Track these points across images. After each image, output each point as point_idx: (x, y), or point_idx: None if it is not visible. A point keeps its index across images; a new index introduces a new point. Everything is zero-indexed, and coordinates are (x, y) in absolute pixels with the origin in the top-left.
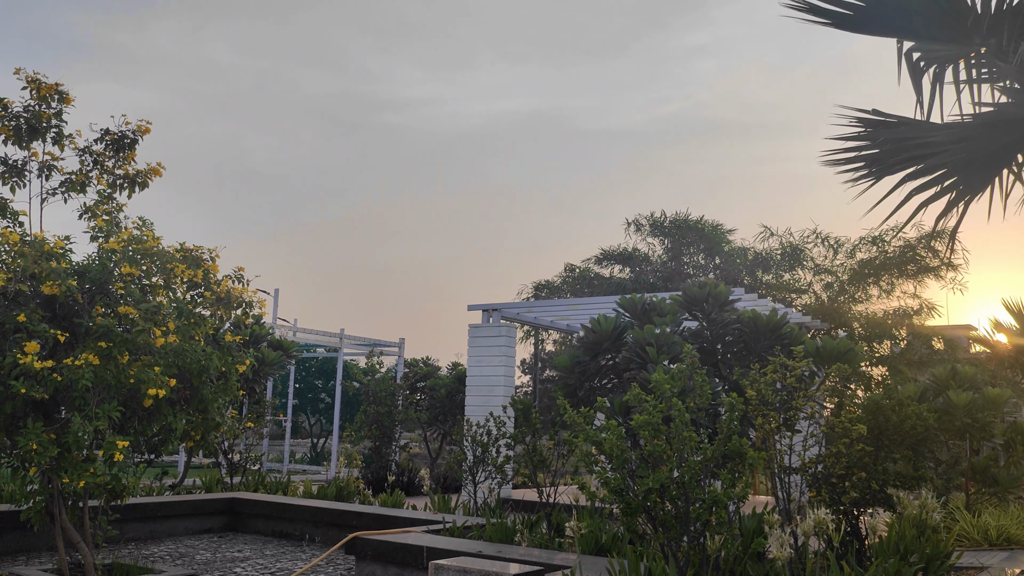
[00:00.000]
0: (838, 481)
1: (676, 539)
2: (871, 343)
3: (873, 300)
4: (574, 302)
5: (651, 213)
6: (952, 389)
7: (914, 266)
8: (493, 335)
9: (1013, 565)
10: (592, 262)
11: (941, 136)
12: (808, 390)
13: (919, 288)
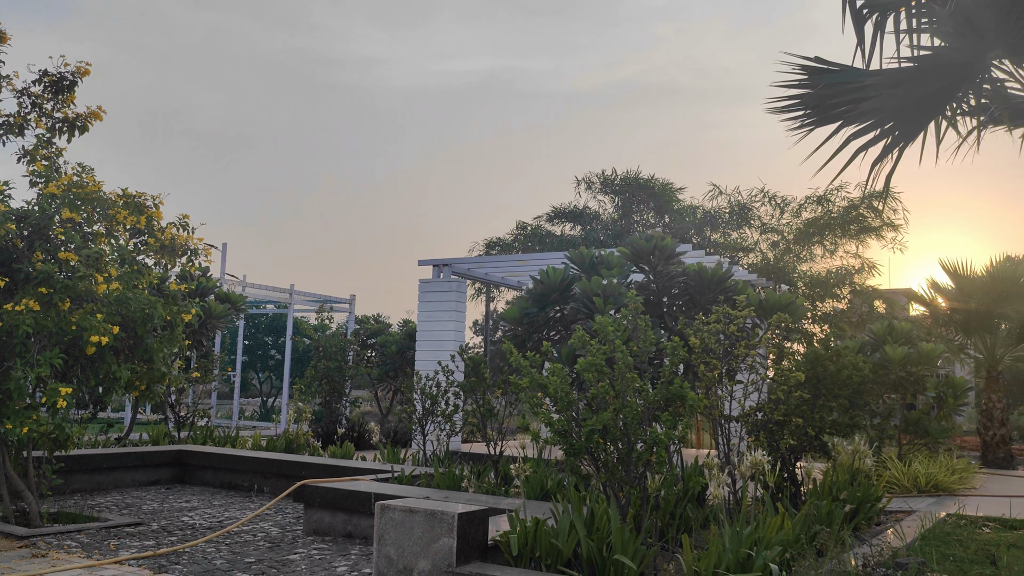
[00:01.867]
0: (776, 428)
1: (618, 480)
2: (814, 302)
3: (817, 259)
4: (525, 257)
5: (602, 171)
6: (889, 344)
7: (856, 226)
8: (443, 290)
9: (939, 509)
10: (544, 220)
11: (878, 81)
12: (750, 340)
13: (861, 248)
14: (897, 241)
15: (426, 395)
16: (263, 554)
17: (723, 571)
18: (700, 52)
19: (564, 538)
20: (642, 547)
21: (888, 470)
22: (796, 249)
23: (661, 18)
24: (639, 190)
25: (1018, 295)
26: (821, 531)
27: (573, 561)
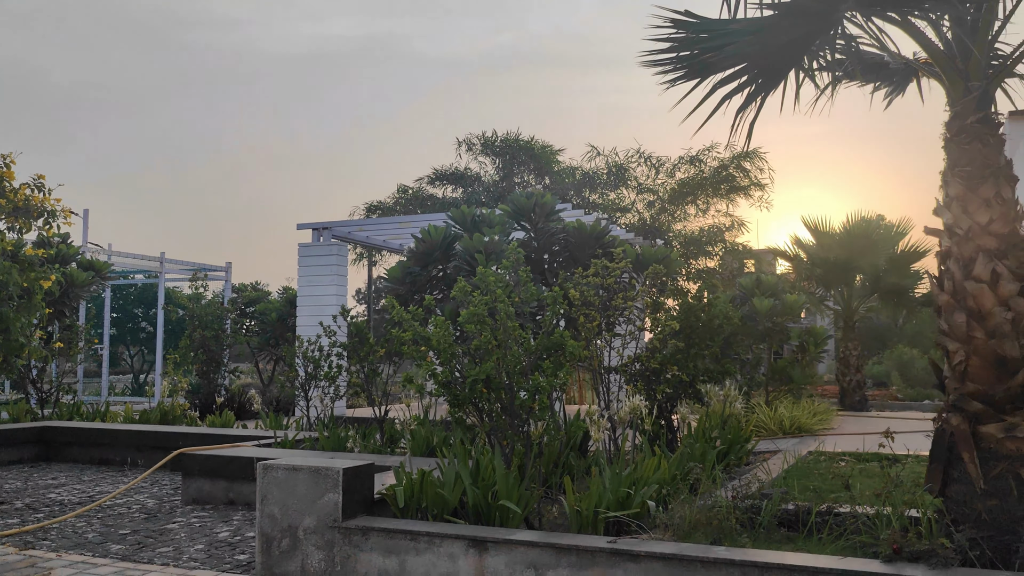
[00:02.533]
0: (652, 376)
1: (502, 428)
2: (688, 259)
3: (691, 219)
4: (406, 219)
5: (483, 133)
6: (756, 297)
7: (727, 186)
8: (324, 254)
9: (802, 447)
10: (425, 182)
11: (741, 27)
12: (628, 293)
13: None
14: (764, 199)
15: (308, 359)
16: (139, 525)
17: (603, 510)
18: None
19: (450, 488)
20: (526, 492)
21: (756, 414)
22: (671, 208)
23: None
24: (519, 152)
25: (871, 250)
26: (694, 468)
27: (460, 510)
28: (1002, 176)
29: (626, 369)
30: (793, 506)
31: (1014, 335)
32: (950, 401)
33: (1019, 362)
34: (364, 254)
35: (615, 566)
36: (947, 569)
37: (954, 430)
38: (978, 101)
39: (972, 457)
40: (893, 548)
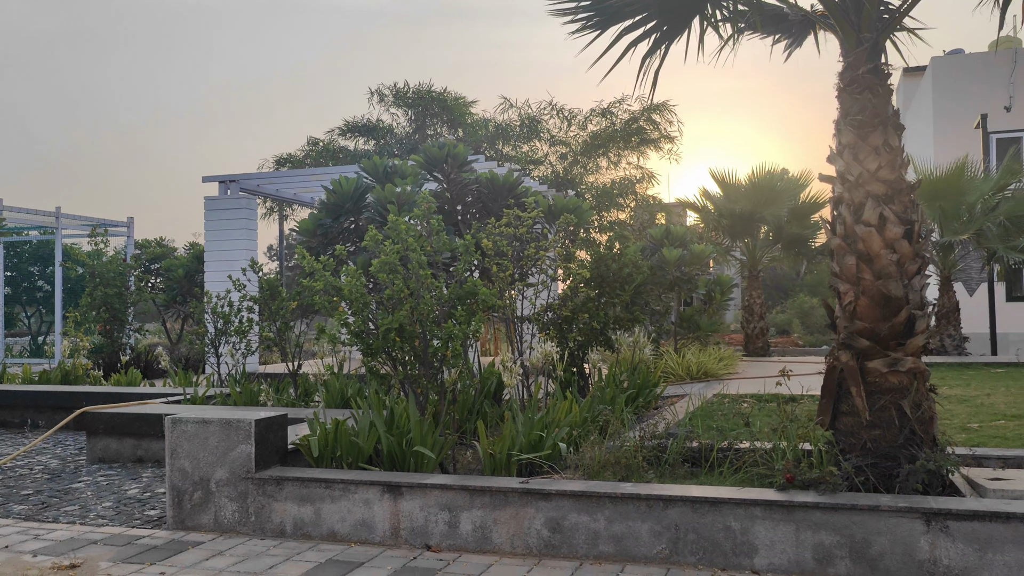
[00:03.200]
0: (565, 324)
1: (415, 376)
2: (600, 211)
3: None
4: (317, 172)
5: (395, 84)
6: (665, 247)
7: (637, 138)
8: (232, 207)
9: (707, 391)
10: (336, 134)
11: None
12: (541, 242)
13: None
14: (673, 152)
15: (218, 315)
16: (42, 485)
17: (516, 452)
18: None
19: (364, 436)
20: (441, 438)
21: (665, 360)
22: (583, 161)
23: None
24: (432, 103)
25: (775, 201)
26: (604, 411)
27: (375, 458)
28: (890, 125)
29: (539, 318)
30: (697, 444)
31: (898, 276)
32: (840, 339)
33: (902, 301)
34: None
35: (527, 505)
36: (834, 494)
37: (844, 366)
38: (869, 52)
39: (859, 391)
40: (787, 477)
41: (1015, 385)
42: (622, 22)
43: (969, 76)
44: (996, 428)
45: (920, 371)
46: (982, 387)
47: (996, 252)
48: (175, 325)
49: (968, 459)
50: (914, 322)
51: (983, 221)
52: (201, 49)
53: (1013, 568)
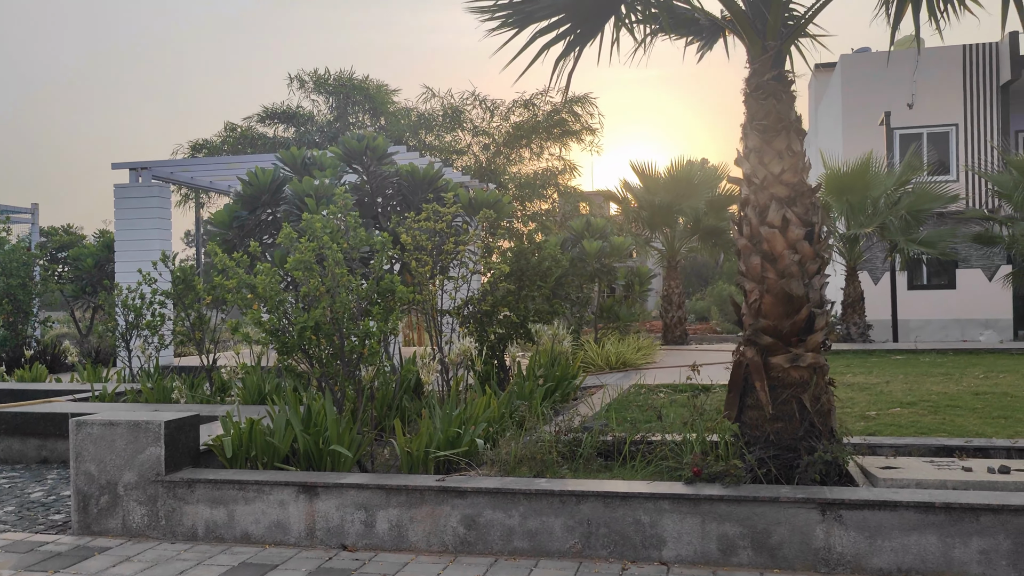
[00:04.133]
0: (485, 318)
1: (333, 374)
2: (524, 202)
3: (525, 162)
4: (234, 159)
5: (315, 70)
6: (586, 239)
7: (559, 130)
8: (144, 195)
9: (626, 382)
10: (255, 121)
11: None
12: (460, 236)
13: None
14: (594, 144)
15: (129, 308)
16: None
17: (434, 450)
18: None
19: (280, 435)
20: (358, 436)
21: (585, 351)
22: (506, 152)
23: None
24: (354, 91)
25: (693, 193)
26: (520, 407)
27: (291, 458)
28: (793, 130)
29: (459, 311)
30: (611, 437)
31: (800, 275)
32: (746, 335)
33: (803, 299)
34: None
35: (443, 503)
36: (738, 486)
37: (749, 362)
38: (773, 59)
39: (763, 385)
40: (694, 471)
41: (912, 372)
42: (537, 23)
43: (875, 74)
44: (892, 416)
45: (820, 366)
46: (883, 374)
47: (898, 244)
48: (84, 315)
49: (863, 448)
50: (814, 319)
51: (886, 215)
52: (110, 23)
53: (899, 553)
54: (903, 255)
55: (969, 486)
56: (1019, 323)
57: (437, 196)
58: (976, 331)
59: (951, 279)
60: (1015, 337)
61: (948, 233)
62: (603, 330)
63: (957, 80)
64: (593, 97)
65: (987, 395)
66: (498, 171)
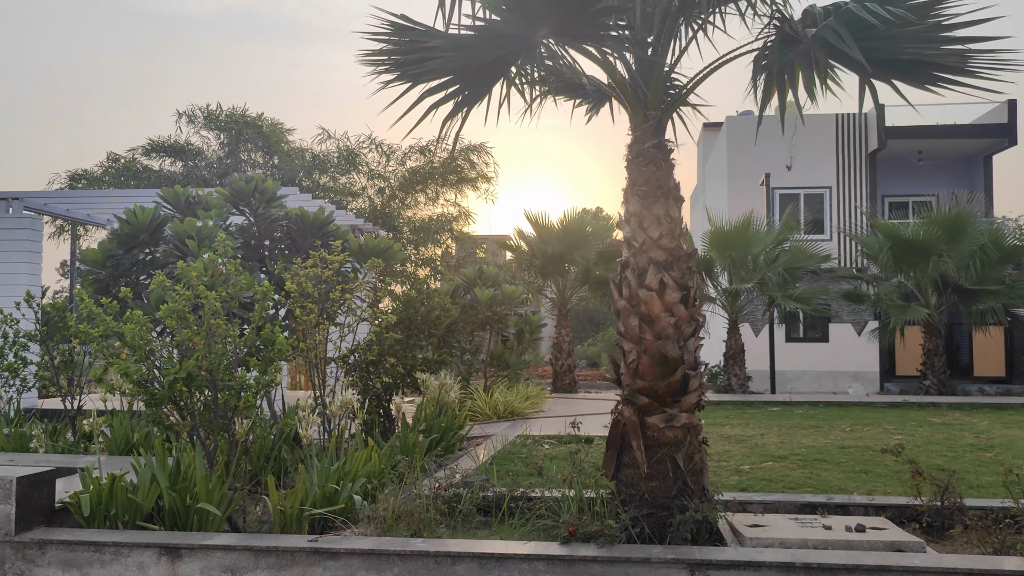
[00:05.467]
0: (371, 366)
1: (205, 427)
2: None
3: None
4: (114, 193)
5: (207, 105)
6: (478, 286)
7: (455, 176)
8: (13, 227)
9: (512, 432)
10: (139, 153)
11: (443, 43)
12: (348, 284)
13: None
14: (490, 192)
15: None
16: None
17: (309, 507)
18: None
19: (144, 492)
20: (230, 492)
21: (474, 400)
22: (401, 196)
23: None
24: (246, 128)
25: (584, 244)
26: (401, 461)
27: (156, 515)
28: (671, 197)
29: (344, 360)
30: (492, 492)
31: (676, 337)
32: (624, 395)
33: (679, 361)
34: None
35: (315, 564)
36: (612, 546)
37: (626, 421)
38: (654, 129)
39: (639, 444)
40: (569, 531)
41: (786, 424)
42: (427, 82)
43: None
44: (764, 470)
45: (693, 426)
46: (759, 426)
47: (775, 299)
48: None
49: (734, 505)
50: (688, 381)
51: (765, 271)
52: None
53: None
54: (780, 310)
55: (828, 545)
56: (884, 376)
57: (325, 243)
58: (847, 383)
59: (824, 333)
60: (881, 389)
61: (820, 290)
62: (493, 378)
63: (831, 146)
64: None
65: (851, 449)
66: (393, 215)
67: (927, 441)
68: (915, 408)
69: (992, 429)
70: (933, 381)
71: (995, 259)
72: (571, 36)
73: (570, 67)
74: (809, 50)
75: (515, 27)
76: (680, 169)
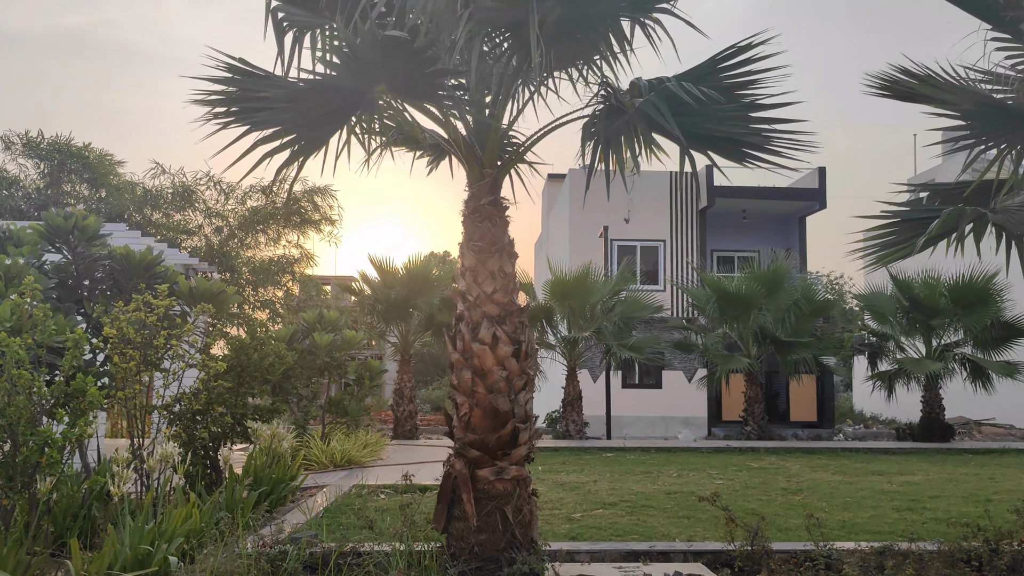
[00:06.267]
0: (197, 417)
1: (2, 486)
2: (257, 288)
3: (261, 247)
4: None
5: (26, 131)
6: (318, 331)
7: (298, 218)
8: None
9: (348, 482)
10: None
11: (278, 94)
12: (175, 330)
13: (302, 238)
14: (333, 235)
15: None
16: None
17: (118, 571)
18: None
19: None
20: (27, 557)
21: (310, 448)
22: (240, 235)
23: None
24: (71, 158)
25: (428, 290)
26: (224, 518)
27: None
28: (505, 253)
29: (168, 409)
30: (320, 548)
31: (507, 391)
32: (456, 448)
33: (509, 414)
34: None
35: None
36: None
37: (457, 474)
38: (490, 186)
39: (470, 497)
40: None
41: (618, 470)
42: (262, 130)
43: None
44: (595, 517)
45: (523, 478)
46: (593, 472)
47: (611, 348)
48: None
49: (563, 555)
50: (518, 434)
51: (602, 320)
52: None
53: None
54: (616, 358)
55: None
56: (712, 421)
57: (150, 285)
58: (678, 427)
59: (659, 379)
60: (709, 434)
61: (653, 339)
62: (331, 425)
63: (665, 202)
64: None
65: (677, 494)
66: (231, 255)
67: (745, 486)
68: (737, 453)
69: (802, 473)
70: (753, 427)
71: (807, 313)
72: (407, 94)
73: (410, 122)
74: (632, 121)
75: (351, 82)
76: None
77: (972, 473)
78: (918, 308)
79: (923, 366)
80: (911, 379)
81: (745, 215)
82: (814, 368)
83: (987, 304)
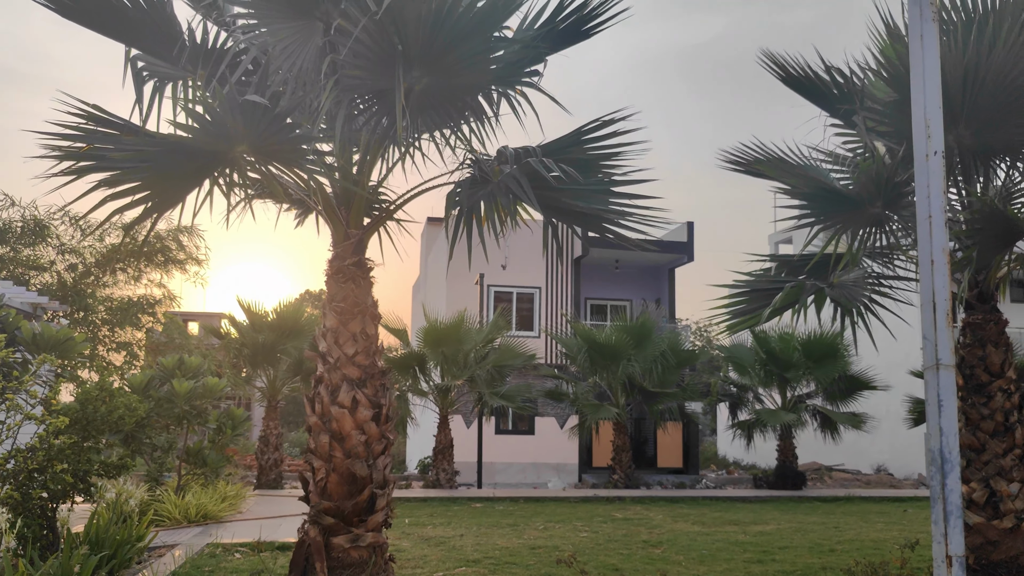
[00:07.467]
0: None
1: None
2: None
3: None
4: None
5: None
6: (177, 378)
7: (163, 257)
8: None
9: (203, 540)
10: None
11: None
12: (11, 382)
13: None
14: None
15: None
16: None
17: None
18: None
19: None
20: None
21: (163, 503)
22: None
23: None
24: None
25: (299, 333)
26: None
27: None
28: (368, 315)
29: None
30: None
31: (366, 456)
32: (311, 515)
33: (367, 480)
34: None
35: None
36: None
37: (312, 542)
38: (355, 247)
39: (323, 567)
40: None
41: (485, 522)
42: (116, 186)
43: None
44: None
45: (379, 544)
46: (460, 525)
47: (484, 396)
48: None
49: None
50: (376, 499)
51: (475, 368)
52: None
53: None
54: (487, 406)
55: None
56: (583, 467)
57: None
58: (550, 474)
59: (531, 426)
60: (580, 480)
61: (525, 388)
62: (187, 476)
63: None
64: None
65: (541, 550)
66: (86, 293)
67: (608, 539)
68: (604, 503)
69: (664, 524)
70: (620, 475)
71: (673, 364)
72: (270, 156)
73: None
74: (495, 193)
75: (211, 144)
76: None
77: (819, 522)
78: (774, 361)
79: (778, 417)
80: (768, 428)
81: (618, 265)
82: (679, 417)
83: (835, 359)
